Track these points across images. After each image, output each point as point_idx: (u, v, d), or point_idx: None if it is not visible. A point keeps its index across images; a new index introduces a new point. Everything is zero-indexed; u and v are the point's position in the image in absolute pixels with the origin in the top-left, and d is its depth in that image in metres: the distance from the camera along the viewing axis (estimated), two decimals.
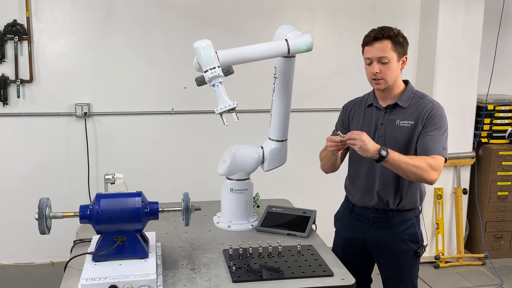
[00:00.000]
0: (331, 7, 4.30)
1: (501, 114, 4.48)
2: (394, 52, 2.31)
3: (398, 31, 2.34)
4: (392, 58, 2.31)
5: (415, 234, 2.46)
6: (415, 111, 2.37)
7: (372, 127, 2.44)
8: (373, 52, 2.33)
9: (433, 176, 2.27)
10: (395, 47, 2.31)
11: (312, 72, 4.33)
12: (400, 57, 2.34)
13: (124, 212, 2.04)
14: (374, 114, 2.45)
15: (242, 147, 2.70)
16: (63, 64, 3.98)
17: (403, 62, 2.36)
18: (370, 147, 2.19)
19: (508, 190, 4.49)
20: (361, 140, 2.19)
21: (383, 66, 2.32)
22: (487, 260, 4.44)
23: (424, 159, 2.27)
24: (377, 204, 2.45)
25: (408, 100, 2.39)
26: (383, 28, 2.32)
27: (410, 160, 2.24)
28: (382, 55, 2.30)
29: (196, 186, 4.17)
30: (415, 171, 2.24)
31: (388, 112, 2.41)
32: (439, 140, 2.32)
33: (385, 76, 2.33)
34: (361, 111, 2.51)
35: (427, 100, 2.39)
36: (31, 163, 4.05)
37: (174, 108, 4.18)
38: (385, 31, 2.31)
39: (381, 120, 2.41)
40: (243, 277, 2.10)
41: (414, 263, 2.50)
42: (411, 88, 2.43)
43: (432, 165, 2.25)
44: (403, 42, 2.34)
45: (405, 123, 2.36)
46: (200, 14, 4.10)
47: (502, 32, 4.47)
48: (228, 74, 2.37)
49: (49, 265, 4.16)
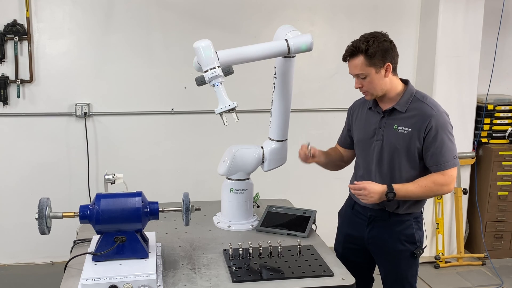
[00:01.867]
0: (331, 7, 4.30)
1: (501, 114, 4.48)
2: (370, 66, 2.25)
3: (373, 41, 2.23)
4: (368, 72, 2.26)
5: (412, 235, 2.45)
6: (413, 117, 2.32)
7: (371, 130, 2.43)
8: (350, 69, 2.32)
9: (445, 190, 2.36)
10: (370, 61, 2.24)
11: (312, 72, 4.33)
12: (380, 67, 2.26)
13: (124, 212, 2.04)
14: (374, 117, 2.44)
15: (242, 147, 2.70)
16: (63, 64, 3.98)
17: (386, 70, 2.28)
18: (375, 196, 2.27)
19: (508, 190, 4.49)
20: (365, 189, 2.28)
21: (363, 81, 2.30)
22: (487, 260, 4.44)
23: (432, 180, 2.31)
24: (375, 206, 2.45)
25: (407, 104, 2.34)
26: (355, 43, 2.27)
27: (418, 189, 2.31)
28: (357, 72, 2.29)
29: (196, 186, 4.17)
30: (427, 195, 2.36)
31: (387, 116, 2.39)
32: (446, 151, 2.29)
33: (369, 89, 2.32)
34: (363, 113, 2.51)
35: (427, 106, 2.32)
36: (31, 163, 4.05)
37: (174, 108, 4.18)
38: (357, 48, 2.25)
39: (380, 124, 2.40)
40: (243, 277, 2.10)
41: (411, 263, 2.49)
42: (411, 90, 2.37)
43: (441, 182, 2.31)
44: (378, 52, 2.23)
45: (402, 130, 2.34)
46: (200, 14, 4.10)
47: (502, 32, 4.47)
48: (228, 74, 2.38)
49: (49, 265, 4.16)
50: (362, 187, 2.28)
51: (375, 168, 2.41)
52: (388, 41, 2.28)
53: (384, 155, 2.38)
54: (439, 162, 2.29)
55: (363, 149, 2.47)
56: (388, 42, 2.28)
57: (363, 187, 2.28)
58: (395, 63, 2.32)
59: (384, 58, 2.26)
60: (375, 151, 2.40)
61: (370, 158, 2.43)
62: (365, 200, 2.30)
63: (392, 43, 2.30)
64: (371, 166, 2.43)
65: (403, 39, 4.43)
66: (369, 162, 2.43)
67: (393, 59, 2.30)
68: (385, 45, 2.26)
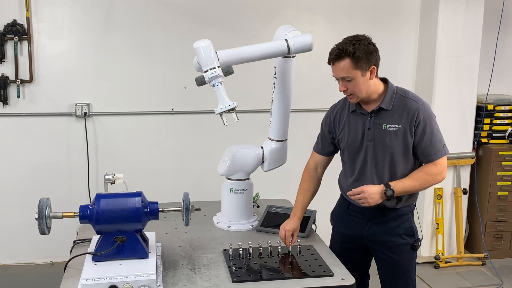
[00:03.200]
0: (331, 7, 4.30)
1: (501, 114, 4.48)
2: (356, 69, 2.26)
3: (359, 44, 2.24)
4: (355, 75, 2.27)
5: (410, 228, 2.48)
6: (401, 113, 2.34)
7: (359, 133, 2.42)
8: (336, 72, 2.32)
9: (439, 179, 2.38)
10: (356, 64, 2.25)
11: (312, 72, 4.33)
12: (365, 70, 2.27)
13: (124, 212, 2.04)
14: (359, 119, 2.43)
15: (242, 147, 2.70)
16: (63, 64, 3.98)
17: (371, 72, 2.29)
18: (376, 196, 2.29)
19: (508, 190, 4.49)
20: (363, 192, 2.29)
21: (349, 84, 2.30)
22: (487, 260, 4.44)
23: (426, 171, 2.35)
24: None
25: (391, 101, 2.36)
26: (341, 46, 2.27)
27: (414, 182, 2.34)
28: (344, 75, 2.28)
29: (196, 186, 4.17)
30: (423, 186, 2.38)
31: (374, 116, 2.39)
32: (436, 141, 2.34)
33: (354, 91, 2.32)
34: (346, 117, 2.49)
35: (411, 100, 2.35)
36: (31, 163, 4.05)
37: (174, 108, 4.18)
38: (343, 50, 2.25)
39: (368, 125, 2.40)
40: (243, 277, 2.11)
41: (411, 257, 2.51)
42: (392, 87, 2.39)
43: (434, 172, 2.35)
44: (364, 55, 2.24)
45: (392, 127, 2.35)
46: (200, 14, 4.10)
47: (502, 31, 4.47)
48: (228, 74, 2.38)
49: (49, 265, 4.16)
50: (361, 191, 2.30)
51: (371, 169, 2.40)
52: (372, 44, 2.29)
53: (379, 154, 2.38)
54: (431, 153, 2.34)
55: (354, 153, 2.45)
56: (372, 45, 2.29)
57: (361, 191, 2.29)
58: (378, 65, 2.34)
59: (369, 61, 2.27)
60: (368, 152, 2.40)
61: (364, 160, 2.42)
62: (366, 203, 2.30)
63: (375, 46, 2.31)
64: (366, 168, 2.42)
65: (403, 39, 4.43)
66: (363, 164, 2.43)
67: (377, 62, 2.33)
68: (370, 48, 2.27)
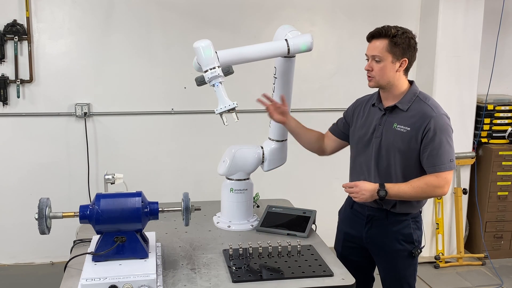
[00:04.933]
0: (331, 7, 4.30)
1: (501, 114, 4.48)
2: (389, 52, 2.28)
3: (403, 32, 2.29)
4: (385, 58, 2.28)
5: (409, 235, 2.44)
6: (414, 116, 2.33)
7: (371, 127, 2.44)
8: (369, 49, 2.34)
9: (439, 193, 2.33)
10: (391, 48, 2.27)
11: (312, 72, 4.33)
12: (397, 59, 2.29)
13: (124, 212, 2.04)
14: (376, 114, 2.44)
15: (242, 147, 2.70)
16: (63, 64, 3.98)
17: (400, 64, 2.31)
18: (367, 193, 2.28)
19: (508, 190, 4.49)
20: (356, 185, 2.30)
21: (376, 65, 2.31)
22: (487, 260, 4.44)
23: (425, 181, 2.30)
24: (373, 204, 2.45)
25: (409, 103, 2.35)
26: (384, 27, 2.31)
27: (410, 189, 2.29)
28: (375, 53, 2.30)
29: (196, 186, 4.17)
30: (419, 196, 2.33)
31: (388, 113, 2.40)
32: (442, 153, 2.28)
33: (376, 74, 2.32)
34: (366, 110, 2.51)
35: (429, 107, 2.32)
36: (31, 163, 4.05)
37: (174, 108, 4.18)
38: (384, 30, 2.29)
39: (380, 121, 2.41)
40: (243, 277, 2.10)
41: (409, 263, 2.49)
42: (414, 90, 2.38)
43: (434, 184, 2.29)
44: (403, 43, 2.28)
45: (401, 128, 2.34)
46: (200, 14, 4.09)
47: (502, 31, 4.47)
48: (228, 74, 2.38)
49: (49, 265, 4.16)
50: (354, 185, 2.31)
51: (374, 165, 2.41)
52: (413, 40, 2.33)
53: (382, 152, 2.38)
54: (435, 164, 2.29)
55: (364, 146, 2.46)
56: (414, 41, 2.33)
57: (355, 185, 2.31)
58: (411, 63, 2.36)
59: (404, 52, 2.30)
60: (374, 148, 2.41)
61: (370, 155, 2.43)
62: (357, 198, 2.31)
63: (416, 44, 2.35)
64: (370, 163, 2.43)
65: None
66: (368, 159, 2.44)
67: (411, 58, 2.34)
68: (411, 42, 2.32)
